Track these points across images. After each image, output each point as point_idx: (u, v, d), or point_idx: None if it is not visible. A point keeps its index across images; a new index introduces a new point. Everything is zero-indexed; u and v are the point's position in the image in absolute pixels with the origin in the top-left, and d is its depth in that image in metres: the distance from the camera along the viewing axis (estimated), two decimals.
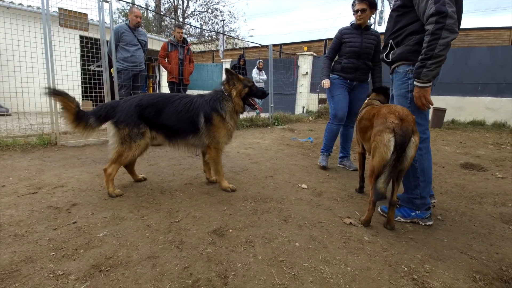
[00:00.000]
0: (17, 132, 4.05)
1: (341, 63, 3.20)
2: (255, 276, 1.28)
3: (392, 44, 2.03)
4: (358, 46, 3.09)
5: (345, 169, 3.38)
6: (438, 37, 1.64)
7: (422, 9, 1.75)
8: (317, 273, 1.33)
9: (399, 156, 1.65)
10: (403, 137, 1.64)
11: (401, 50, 1.95)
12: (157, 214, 1.93)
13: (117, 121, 2.17)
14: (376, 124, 1.80)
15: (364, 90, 3.29)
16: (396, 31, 1.99)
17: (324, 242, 1.62)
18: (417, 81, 1.78)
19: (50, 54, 3.53)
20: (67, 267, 1.30)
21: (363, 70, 3.18)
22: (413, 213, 1.96)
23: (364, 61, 3.15)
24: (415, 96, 1.84)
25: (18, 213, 1.83)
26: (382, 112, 1.80)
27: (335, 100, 3.25)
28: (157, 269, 1.31)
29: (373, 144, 1.77)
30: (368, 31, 3.15)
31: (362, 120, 2.23)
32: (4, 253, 1.39)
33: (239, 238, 1.62)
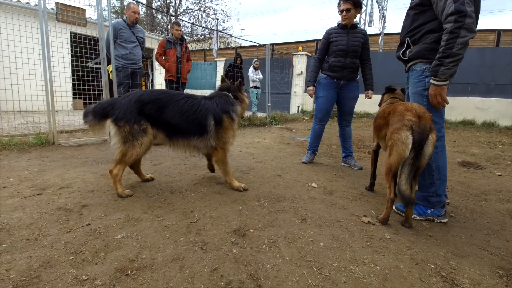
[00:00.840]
0: (12, 131, 3.89)
1: (328, 62, 3.25)
2: (287, 277, 1.25)
3: (408, 42, 2.04)
4: (344, 45, 3.14)
5: (350, 168, 3.39)
6: (456, 36, 1.66)
7: (441, 8, 1.76)
8: (348, 273, 1.31)
9: (417, 154, 1.66)
10: (421, 135, 1.65)
11: (418, 48, 1.96)
12: (172, 215, 1.88)
13: (116, 118, 2.05)
14: (392, 122, 1.80)
15: (353, 88, 3.32)
16: (413, 29, 2.00)
17: (348, 241, 1.61)
18: (434, 79, 1.79)
19: (47, 50, 3.39)
20: (90, 272, 1.24)
21: (350, 69, 3.21)
22: (429, 210, 1.98)
23: (352, 59, 3.20)
24: (431, 94, 1.85)
25: (26, 215, 1.74)
26: (399, 109, 1.80)
27: (318, 102, 3.39)
28: (185, 272, 1.27)
29: (390, 142, 1.77)
30: (355, 29, 3.20)
31: (377, 118, 2.23)
32: (19, 258, 1.31)
33: (262, 238, 1.59)
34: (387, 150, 1.83)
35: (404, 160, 1.68)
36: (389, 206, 1.82)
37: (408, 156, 1.66)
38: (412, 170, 1.67)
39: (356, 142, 5.42)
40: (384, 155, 2.06)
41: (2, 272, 1.20)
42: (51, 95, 3.45)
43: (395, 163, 1.71)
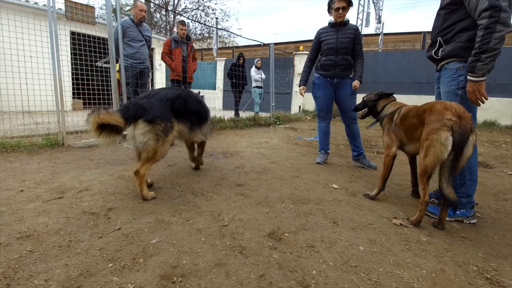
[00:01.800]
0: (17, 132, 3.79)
1: (320, 61, 3.29)
2: (336, 283, 1.22)
3: (440, 42, 2.02)
4: (334, 43, 3.16)
5: (365, 168, 3.38)
6: (492, 30, 1.65)
7: (474, 5, 1.75)
8: (397, 278, 1.29)
9: (457, 155, 1.63)
10: (462, 136, 1.62)
11: (452, 47, 1.94)
12: (201, 218, 1.84)
13: (152, 117, 2.05)
14: (430, 121, 1.74)
15: (348, 85, 3.30)
16: (445, 28, 1.99)
17: (386, 244, 1.59)
18: (471, 75, 1.78)
19: (56, 50, 3.30)
20: (134, 280, 1.19)
21: (341, 66, 3.22)
22: (458, 211, 1.97)
23: (342, 56, 3.20)
24: (469, 90, 1.82)
25: (52, 220, 1.68)
26: (437, 108, 1.75)
27: (317, 102, 3.46)
28: (232, 278, 1.23)
29: (427, 142, 1.72)
30: (345, 26, 3.20)
31: (407, 118, 2.11)
32: (55, 267, 1.26)
33: (299, 243, 1.56)
34: (423, 150, 1.78)
35: (443, 162, 1.65)
36: (423, 209, 1.79)
37: (447, 158, 1.63)
38: (452, 172, 1.64)
39: (362, 141, 5.42)
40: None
41: (41, 283, 1.15)
42: (61, 95, 3.36)
43: (431, 165, 1.68)
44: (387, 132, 2.31)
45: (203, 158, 3.05)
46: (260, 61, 8.76)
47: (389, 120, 2.32)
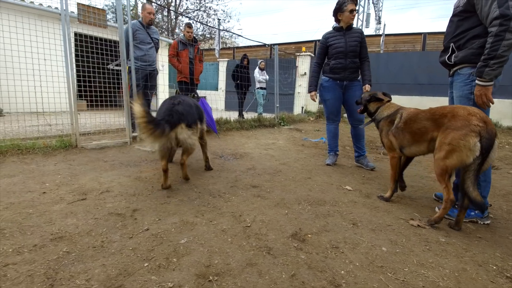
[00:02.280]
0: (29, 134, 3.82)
1: (329, 65, 3.37)
2: (366, 283, 1.27)
3: (453, 48, 2.08)
4: (343, 46, 3.24)
5: (383, 169, 3.42)
6: (501, 38, 1.73)
7: (485, 13, 1.82)
8: (422, 277, 1.34)
9: (483, 159, 1.67)
10: (489, 141, 1.66)
11: (465, 53, 2.00)
12: (223, 219, 1.88)
13: (193, 122, 2.47)
14: (454, 127, 1.77)
15: (357, 88, 3.39)
16: (457, 35, 2.05)
17: (407, 245, 1.64)
18: (479, 79, 1.85)
19: (69, 53, 3.34)
20: (172, 278, 1.24)
21: (351, 69, 3.31)
22: (473, 213, 2.02)
23: (352, 59, 3.29)
24: (476, 94, 1.90)
25: (81, 222, 1.72)
26: (461, 113, 1.78)
27: (326, 105, 3.53)
28: (265, 277, 1.27)
29: (449, 146, 1.75)
30: (351, 30, 3.29)
31: (416, 121, 2.13)
32: (93, 267, 1.30)
33: (323, 244, 1.61)
34: (442, 152, 1.80)
35: (468, 165, 1.69)
36: (447, 207, 1.82)
37: (474, 162, 1.67)
38: (478, 175, 1.69)
39: (367, 143, 5.48)
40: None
41: (83, 283, 1.19)
42: (74, 97, 3.40)
43: (452, 167, 1.73)
44: (386, 134, 2.36)
45: (214, 160, 3.10)
46: (263, 62, 8.81)
47: (388, 123, 2.35)
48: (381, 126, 2.44)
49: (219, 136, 5.26)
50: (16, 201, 1.98)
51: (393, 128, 2.29)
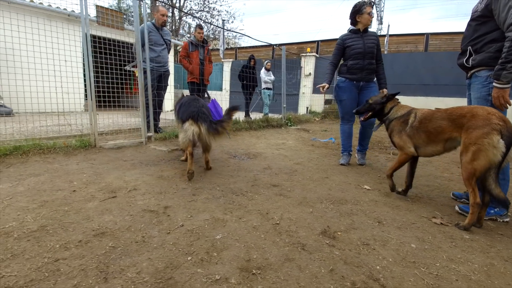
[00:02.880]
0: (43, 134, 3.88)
1: (347, 65, 3.44)
2: (402, 277, 1.33)
3: (471, 51, 2.15)
4: (361, 47, 3.33)
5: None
6: None
7: (503, 18, 1.90)
8: (454, 271, 1.39)
9: (504, 157, 1.73)
10: (510, 138, 1.72)
11: (482, 57, 2.07)
12: (251, 216, 1.94)
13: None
14: (475, 126, 1.82)
15: (373, 89, 3.46)
16: (475, 38, 2.12)
17: (434, 242, 1.69)
18: (497, 82, 1.92)
19: (88, 55, 3.40)
20: (217, 271, 1.30)
21: (368, 70, 3.40)
22: (492, 210, 2.08)
23: (369, 61, 3.38)
24: (494, 96, 1.96)
25: (118, 218, 1.78)
26: (480, 113, 1.84)
27: (342, 105, 3.58)
28: (306, 272, 1.33)
29: (475, 146, 1.78)
30: (367, 32, 3.40)
31: (431, 121, 2.15)
32: (140, 261, 1.36)
33: (353, 241, 1.66)
34: (468, 154, 1.83)
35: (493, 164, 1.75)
36: (475, 211, 1.85)
37: (499, 160, 1.72)
38: (499, 173, 1.75)
39: (375, 143, 5.54)
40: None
41: (134, 276, 1.25)
42: (93, 97, 3.46)
43: (482, 168, 1.76)
44: (399, 134, 2.38)
45: (229, 160, 3.16)
46: (269, 62, 8.87)
47: (402, 123, 2.38)
48: (392, 126, 2.48)
49: (229, 136, 5.32)
50: (49, 199, 2.04)
51: (407, 128, 2.33)
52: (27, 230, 1.56)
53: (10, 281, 1.15)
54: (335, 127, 7.98)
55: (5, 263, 1.27)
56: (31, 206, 1.90)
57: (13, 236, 1.49)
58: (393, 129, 2.46)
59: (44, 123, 4.78)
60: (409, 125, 2.32)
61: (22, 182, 2.37)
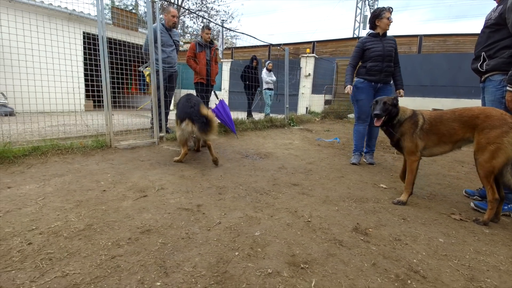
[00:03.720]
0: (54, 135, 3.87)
1: (366, 67, 3.56)
2: (439, 269, 1.42)
3: (484, 56, 2.28)
4: (381, 50, 3.48)
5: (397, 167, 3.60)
6: None
7: None
8: (483, 262, 1.50)
9: None
10: None
11: (496, 62, 2.20)
12: (282, 214, 2.01)
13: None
14: (492, 126, 1.93)
15: (389, 91, 3.62)
16: (488, 45, 2.25)
17: (459, 236, 1.80)
18: (510, 86, 2.04)
19: (104, 56, 3.41)
20: (267, 265, 1.37)
21: (386, 72, 3.54)
22: (506, 206, 2.21)
23: (388, 63, 3.52)
24: (508, 100, 2.08)
25: (157, 216, 1.83)
26: (494, 113, 1.96)
27: (359, 105, 3.69)
28: (350, 265, 1.41)
29: (494, 145, 1.89)
30: (386, 37, 3.56)
31: (442, 123, 2.22)
32: (192, 256, 1.42)
33: (385, 237, 1.75)
34: (486, 153, 1.93)
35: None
36: (494, 207, 1.97)
37: None
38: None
39: (378, 143, 5.67)
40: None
41: (191, 270, 1.31)
42: (109, 98, 3.48)
43: (500, 165, 1.88)
44: (412, 138, 2.33)
45: (242, 159, 3.22)
46: (271, 63, 8.95)
47: (412, 125, 2.35)
48: (404, 129, 2.39)
49: (237, 136, 5.39)
50: (83, 199, 2.07)
51: (418, 130, 2.33)
52: (74, 229, 1.60)
53: (76, 278, 1.20)
54: (336, 127, 8.11)
55: (64, 262, 1.31)
56: (67, 206, 1.94)
57: (63, 235, 1.53)
58: (405, 132, 2.38)
59: (49, 123, 4.76)
60: (419, 127, 2.32)
61: (48, 183, 2.40)
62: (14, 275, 1.20)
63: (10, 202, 1.96)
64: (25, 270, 1.23)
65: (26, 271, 1.23)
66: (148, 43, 3.99)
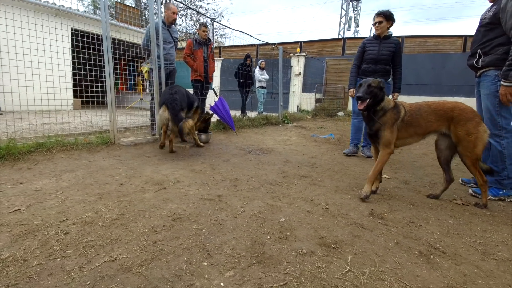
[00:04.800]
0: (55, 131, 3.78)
1: (361, 68, 3.78)
2: (455, 245, 1.56)
3: (480, 53, 2.46)
4: (375, 54, 3.64)
5: (402, 162, 3.77)
6: None
7: (509, 25, 2.21)
8: (492, 239, 1.65)
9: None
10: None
11: (491, 58, 2.38)
12: (300, 202, 2.10)
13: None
14: (468, 118, 2.11)
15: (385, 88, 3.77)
16: (483, 42, 2.43)
17: (464, 218, 1.95)
18: (504, 81, 2.22)
19: (108, 51, 3.38)
20: (300, 247, 1.45)
21: (380, 72, 3.68)
22: (501, 192, 2.40)
23: (382, 66, 3.66)
24: (501, 93, 2.27)
25: (183, 206, 1.88)
26: (466, 107, 2.17)
27: (354, 100, 3.76)
28: (376, 245, 1.52)
29: (473, 136, 2.08)
30: (388, 39, 3.65)
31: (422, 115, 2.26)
32: (228, 239, 1.48)
33: (400, 220, 1.88)
34: (469, 144, 2.10)
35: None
36: (486, 188, 2.16)
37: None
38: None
39: None
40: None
41: (231, 251, 1.38)
42: (112, 95, 3.45)
43: (481, 152, 2.10)
44: (391, 129, 2.25)
45: (246, 155, 3.28)
46: (264, 62, 9.04)
47: (394, 116, 2.27)
48: (386, 118, 2.28)
49: (236, 133, 5.44)
50: (103, 192, 2.08)
51: (399, 121, 2.27)
52: (107, 218, 1.62)
53: (126, 262, 1.24)
54: (328, 124, 8.32)
55: (108, 248, 1.34)
56: (90, 198, 1.94)
57: (98, 225, 1.55)
58: (387, 122, 2.27)
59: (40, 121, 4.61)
60: (401, 119, 2.27)
61: (61, 178, 2.38)
62: (60, 263, 1.22)
63: (29, 196, 1.94)
64: (70, 257, 1.26)
65: (72, 258, 1.25)
66: (150, 40, 3.97)
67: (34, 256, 1.24)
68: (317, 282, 1.16)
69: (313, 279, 1.18)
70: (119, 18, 3.51)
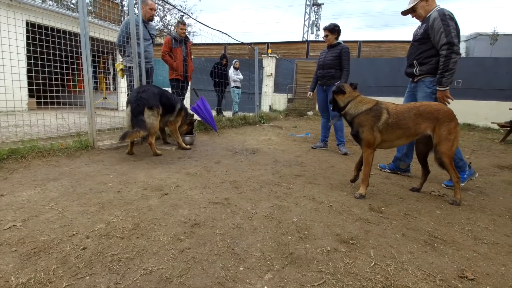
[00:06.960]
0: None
1: (316, 73, 4.54)
2: (450, 233, 1.76)
3: (416, 64, 2.87)
4: (322, 60, 4.40)
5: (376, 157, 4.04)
6: (449, 58, 2.57)
7: (437, 40, 2.66)
8: (475, 226, 1.89)
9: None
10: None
11: (427, 68, 2.83)
12: (304, 201, 2.19)
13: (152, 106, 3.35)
14: (449, 119, 2.30)
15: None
16: (418, 54, 2.89)
17: (448, 208, 2.21)
18: (439, 87, 2.66)
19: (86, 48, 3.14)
20: (322, 245, 1.53)
21: (326, 77, 4.35)
22: (465, 174, 2.74)
23: (328, 70, 4.30)
24: (439, 97, 2.70)
25: (195, 211, 1.85)
26: (447, 109, 2.37)
27: (317, 103, 4.74)
28: (387, 237, 1.65)
29: (453, 135, 2.29)
30: (334, 47, 4.27)
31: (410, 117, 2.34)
32: (253, 242, 1.51)
33: (396, 213, 2.06)
34: (448, 143, 2.29)
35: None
36: (459, 185, 2.36)
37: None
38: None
39: None
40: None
41: (260, 254, 1.40)
42: (91, 94, 3.21)
43: (455, 150, 2.36)
44: (371, 131, 2.34)
45: (235, 155, 3.31)
46: (238, 62, 9.04)
47: (372, 118, 2.34)
48: (361, 121, 2.38)
49: (218, 134, 5.39)
50: (103, 201, 1.96)
51: (380, 124, 2.33)
52: (123, 229, 1.54)
53: (164, 273, 1.20)
54: (301, 123, 8.62)
55: (137, 260, 1.28)
56: (91, 209, 1.82)
57: (116, 236, 1.46)
58: (363, 125, 2.37)
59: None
60: (383, 121, 2.34)
61: (46, 187, 2.18)
62: (91, 281, 1.14)
63: (18, 210, 1.76)
64: (99, 274, 1.18)
65: (101, 275, 1.18)
66: (131, 36, 3.76)
67: (58, 276, 1.15)
68: (352, 278, 1.25)
69: (347, 275, 1.26)
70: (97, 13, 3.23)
